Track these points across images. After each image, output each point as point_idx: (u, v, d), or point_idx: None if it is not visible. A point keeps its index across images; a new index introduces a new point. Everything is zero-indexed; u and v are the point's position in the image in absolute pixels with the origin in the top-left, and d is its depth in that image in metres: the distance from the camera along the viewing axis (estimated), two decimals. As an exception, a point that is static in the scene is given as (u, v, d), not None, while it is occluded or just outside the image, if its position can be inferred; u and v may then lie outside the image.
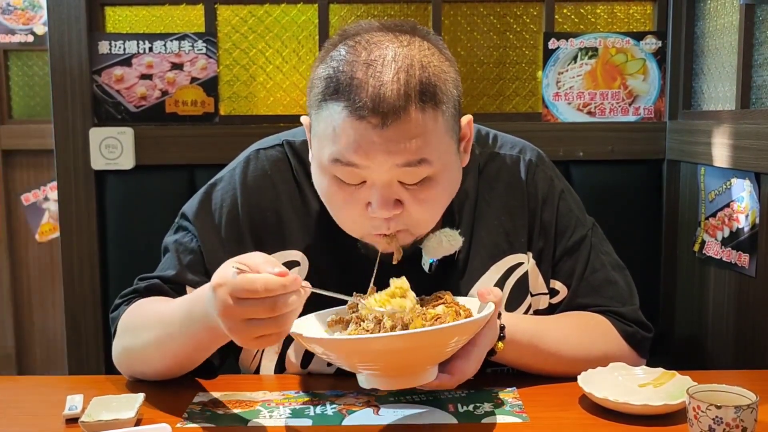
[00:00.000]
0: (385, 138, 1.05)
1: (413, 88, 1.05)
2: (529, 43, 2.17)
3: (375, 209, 1.10)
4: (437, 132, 1.09)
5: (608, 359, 1.24)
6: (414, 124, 1.06)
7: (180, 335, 1.14)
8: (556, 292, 1.35)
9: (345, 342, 1.02)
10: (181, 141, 2.10)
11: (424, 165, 1.09)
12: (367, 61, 1.06)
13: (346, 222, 1.17)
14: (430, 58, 1.09)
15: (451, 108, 1.12)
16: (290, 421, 1.12)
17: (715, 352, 1.90)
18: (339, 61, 1.08)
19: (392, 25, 1.13)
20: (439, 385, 1.07)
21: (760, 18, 1.75)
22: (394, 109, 1.04)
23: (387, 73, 1.05)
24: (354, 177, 1.10)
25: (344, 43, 1.11)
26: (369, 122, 1.05)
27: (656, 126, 2.13)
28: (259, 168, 1.32)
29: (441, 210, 1.18)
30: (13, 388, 1.37)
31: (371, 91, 1.04)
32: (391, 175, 1.09)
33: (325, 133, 1.10)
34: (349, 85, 1.06)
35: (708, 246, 1.89)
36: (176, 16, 2.15)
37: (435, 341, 1.00)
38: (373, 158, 1.07)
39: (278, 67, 2.16)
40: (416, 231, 1.17)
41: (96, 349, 2.12)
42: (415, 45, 1.10)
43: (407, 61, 1.06)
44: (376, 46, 1.08)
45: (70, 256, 2.11)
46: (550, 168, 1.37)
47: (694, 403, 0.98)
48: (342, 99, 1.06)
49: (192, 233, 1.31)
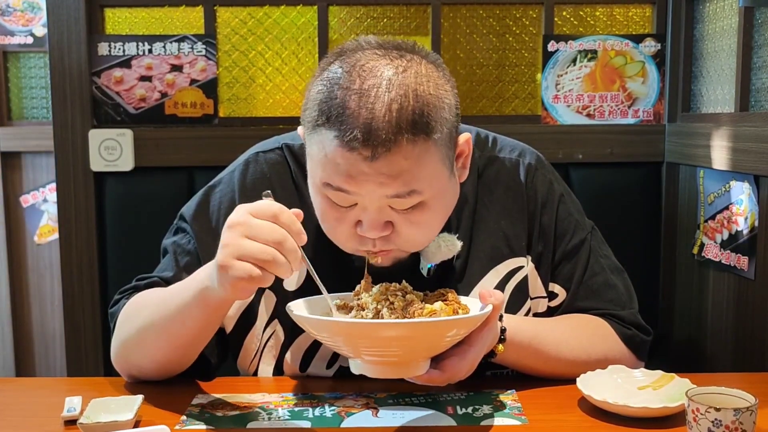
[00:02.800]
0: (375, 169, 1.05)
1: (405, 120, 1.04)
2: (529, 45, 2.17)
3: (365, 230, 1.11)
4: (429, 162, 1.09)
5: (607, 362, 1.24)
6: (404, 156, 1.05)
7: (174, 313, 1.15)
8: (555, 295, 1.34)
9: (335, 324, 1.03)
10: (180, 143, 2.10)
11: (414, 195, 1.09)
12: (360, 90, 1.05)
13: (339, 239, 1.17)
14: (426, 85, 1.08)
15: (446, 134, 1.10)
16: (289, 423, 1.12)
17: (714, 354, 1.90)
18: (333, 85, 1.07)
19: (391, 45, 1.12)
20: (428, 379, 1.07)
21: (759, 21, 1.75)
22: (384, 142, 1.03)
23: (379, 105, 1.04)
24: (345, 200, 1.11)
25: (341, 65, 1.09)
26: (360, 153, 1.04)
27: (655, 129, 2.13)
28: (258, 171, 1.32)
29: (435, 231, 1.18)
30: (11, 389, 1.37)
31: (362, 123, 1.04)
32: (381, 202, 1.09)
33: (317, 156, 1.10)
34: (341, 115, 1.05)
35: (707, 249, 1.89)
36: (176, 17, 2.15)
37: (429, 333, 1.01)
38: (363, 188, 1.07)
39: (278, 69, 2.17)
40: (408, 249, 1.17)
41: (95, 351, 2.12)
42: (412, 71, 1.08)
43: (401, 91, 1.05)
44: (370, 72, 1.06)
45: (69, 258, 2.11)
46: (549, 171, 1.37)
47: (693, 406, 0.98)
48: (333, 128, 1.06)
49: (190, 235, 1.31)
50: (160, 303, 1.19)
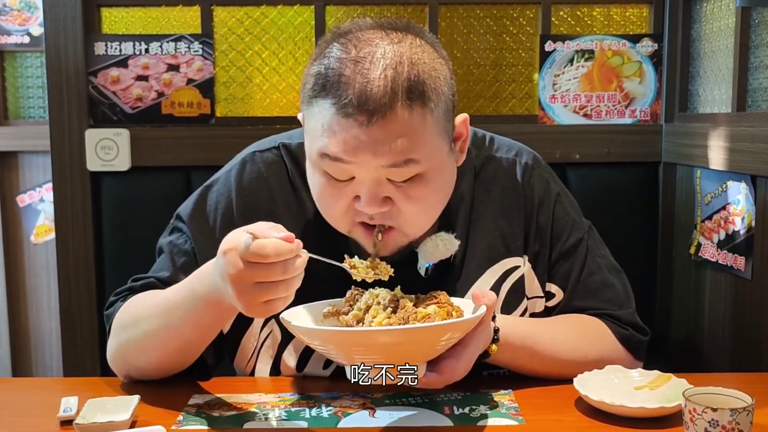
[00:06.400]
0: (371, 137, 1.05)
1: (400, 85, 1.05)
2: (526, 45, 2.17)
3: (363, 205, 1.11)
4: (426, 131, 1.09)
5: (604, 362, 1.24)
6: (400, 123, 1.06)
7: (181, 316, 1.14)
8: (552, 295, 1.34)
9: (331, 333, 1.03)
10: (177, 142, 2.10)
11: (411, 164, 1.09)
12: (356, 58, 1.07)
13: (335, 215, 1.17)
14: (421, 55, 1.09)
15: (442, 107, 1.11)
16: (286, 424, 1.12)
17: (711, 354, 1.91)
18: (330, 59, 1.09)
19: (386, 23, 1.13)
20: (426, 382, 1.07)
21: (756, 21, 1.75)
22: (379, 107, 1.04)
23: (374, 71, 1.05)
24: (342, 173, 1.11)
25: (337, 40, 1.11)
26: (355, 120, 1.05)
27: (652, 128, 2.13)
28: (255, 170, 1.32)
29: (434, 209, 1.18)
30: (7, 389, 1.37)
31: (358, 89, 1.05)
32: (378, 173, 1.09)
33: (314, 129, 1.11)
34: (337, 83, 1.06)
35: (704, 249, 1.89)
36: (172, 17, 2.14)
37: (424, 338, 1.01)
38: (360, 156, 1.07)
39: (274, 69, 2.16)
40: (408, 230, 1.16)
41: (91, 351, 2.12)
42: (407, 42, 1.09)
43: (396, 59, 1.06)
44: (366, 43, 1.08)
45: (65, 258, 2.10)
46: (546, 171, 1.37)
47: (690, 406, 0.98)
48: (330, 96, 1.07)
49: (186, 235, 1.31)
50: (163, 308, 1.19)
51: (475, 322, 1.07)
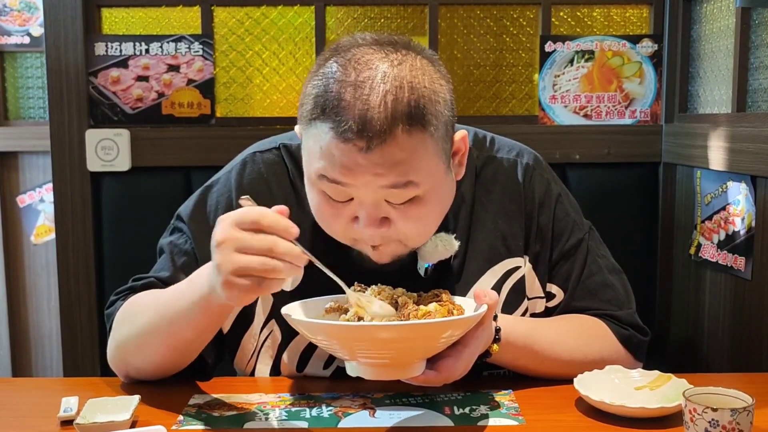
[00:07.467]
0: (370, 161, 1.05)
1: (400, 111, 1.04)
2: (526, 45, 2.17)
3: (361, 226, 1.11)
4: (425, 154, 1.08)
5: (604, 362, 1.24)
6: (400, 148, 1.05)
7: (178, 315, 1.14)
8: (553, 295, 1.34)
9: (333, 327, 1.02)
10: (177, 143, 2.10)
11: (410, 187, 1.08)
12: (356, 82, 1.05)
13: (334, 231, 1.17)
14: (421, 78, 1.08)
15: (442, 128, 1.10)
16: (286, 424, 1.12)
17: (712, 354, 1.91)
18: (329, 79, 1.07)
19: (386, 39, 1.12)
20: (425, 380, 1.07)
21: (756, 21, 1.75)
22: (379, 133, 1.03)
23: (374, 96, 1.04)
24: (341, 194, 1.11)
25: (336, 58, 1.10)
26: (354, 145, 1.04)
27: (652, 129, 2.14)
28: (256, 171, 1.32)
29: (433, 225, 1.18)
30: (7, 390, 1.37)
31: (358, 114, 1.03)
32: (377, 195, 1.09)
33: (313, 149, 1.10)
34: (336, 107, 1.05)
35: (704, 249, 1.89)
36: (173, 17, 2.14)
37: (425, 334, 1.01)
38: (359, 179, 1.07)
39: (275, 69, 2.16)
40: (408, 243, 1.16)
41: (91, 351, 2.12)
42: (407, 64, 1.08)
43: (396, 83, 1.05)
44: (366, 65, 1.07)
45: (65, 258, 2.10)
46: (547, 171, 1.37)
47: (690, 406, 0.98)
48: (329, 120, 1.06)
49: (186, 235, 1.31)
50: (160, 306, 1.19)
51: (476, 320, 1.07)
